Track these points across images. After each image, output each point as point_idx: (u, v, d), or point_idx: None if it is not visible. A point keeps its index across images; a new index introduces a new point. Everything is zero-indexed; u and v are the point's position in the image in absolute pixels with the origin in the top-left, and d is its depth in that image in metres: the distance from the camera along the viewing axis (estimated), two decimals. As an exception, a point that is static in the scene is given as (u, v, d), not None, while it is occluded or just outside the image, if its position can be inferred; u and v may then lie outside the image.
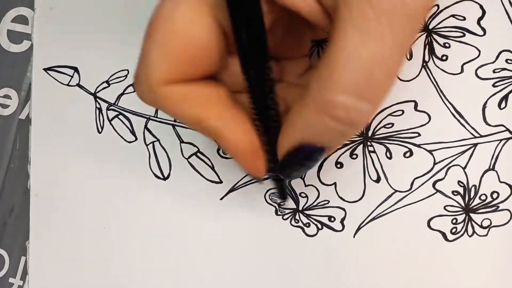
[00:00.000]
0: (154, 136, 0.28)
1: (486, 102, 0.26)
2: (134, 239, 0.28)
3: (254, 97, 0.19)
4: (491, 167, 0.26)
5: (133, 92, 0.29)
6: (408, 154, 0.26)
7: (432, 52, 0.27)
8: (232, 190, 0.28)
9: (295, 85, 0.22)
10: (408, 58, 0.27)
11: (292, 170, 0.20)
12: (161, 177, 0.28)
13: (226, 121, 0.20)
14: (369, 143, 0.27)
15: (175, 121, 0.28)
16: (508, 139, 0.26)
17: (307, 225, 0.27)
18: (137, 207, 0.28)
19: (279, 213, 0.27)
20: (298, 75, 0.23)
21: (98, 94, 0.29)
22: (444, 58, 0.27)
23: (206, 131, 0.20)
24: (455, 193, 0.26)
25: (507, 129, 0.26)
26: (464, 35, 0.27)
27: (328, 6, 0.18)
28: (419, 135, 0.26)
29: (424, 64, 0.27)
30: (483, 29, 0.27)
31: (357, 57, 0.16)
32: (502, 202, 0.26)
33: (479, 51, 0.27)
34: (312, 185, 0.27)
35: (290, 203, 0.27)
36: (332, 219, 0.27)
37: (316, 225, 0.27)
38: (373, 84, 0.17)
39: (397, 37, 0.16)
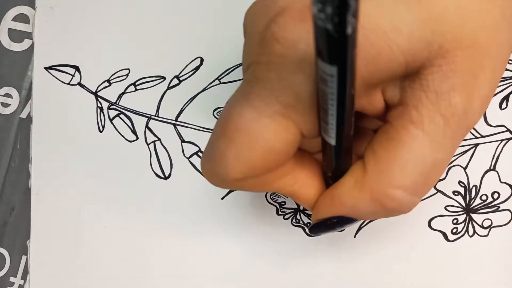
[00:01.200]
0: (155, 136, 0.28)
1: (487, 103, 0.26)
2: (135, 238, 0.28)
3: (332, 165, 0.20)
4: (492, 168, 0.26)
5: (134, 91, 0.29)
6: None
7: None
8: (233, 190, 0.28)
9: None
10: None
11: (321, 232, 0.21)
12: (162, 176, 0.28)
13: (298, 185, 0.21)
14: (370, 143, 0.27)
15: (176, 120, 0.28)
16: (509, 139, 0.26)
17: (308, 225, 0.27)
18: (138, 207, 0.28)
19: (280, 212, 0.27)
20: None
21: (99, 93, 0.29)
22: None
23: (282, 194, 0.21)
24: (456, 193, 0.26)
25: (508, 130, 0.26)
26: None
27: (391, 103, 0.18)
28: (420, 135, 0.26)
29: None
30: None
31: (422, 160, 0.18)
32: (503, 202, 0.26)
33: (480, 51, 0.27)
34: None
35: (290, 203, 0.27)
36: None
37: (317, 225, 0.27)
38: (428, 184, 0.19)
39: (455, 144, 0.18)
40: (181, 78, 0.29)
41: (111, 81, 0.29)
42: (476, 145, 0.26)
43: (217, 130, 0.19)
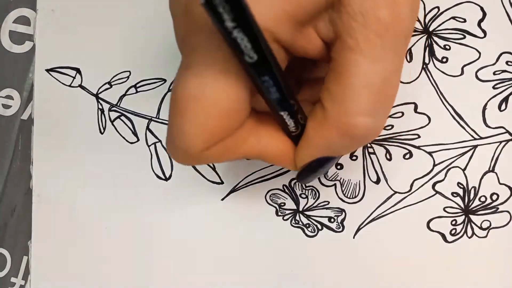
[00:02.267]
0: (156, 137, 0.29)
1: (486, 104, 0.26)
2: (136, 240, 0.28)
3: (282, 121, 0.20)
4: (490, 169, 0.26)
5: (135, 93, 0.29)
6: (407, 156, 0.27)
7: (432, 54, 0.27)
8: (233, 191, 0.28)
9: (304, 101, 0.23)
10: (408, 60, 0.27)
11: (307, 177, 0.22)
12: (163, 177, 0.28)
13: (263, 144, 0.21)
14: (369, 145, 0.27)
15: (176, 122, 0.29)
16: (508, 141, 0.26)
17: (307, 225, 0.27)
18: (138, 208, 0.28)
19: (279, 213, 0.27)
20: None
21: (100, 95, 0.29)
22: (444, 60, 0.27)
23: (251, 158, 0.22)
24: (455, 195, 0.26)
25: (507, 131, 0.26)
26: (465, 37, 0.27)
27: (328, 39, 0.19)
28: (419, 136, 0.27)
29: (424, 66, 0.27)
30: (484, 31, 0.27)
31: (371, 81, 0.18)
32: (501, 204, 0.26)
33: (480, 53, 0.27)
34: (312, 186, 0.27)
35: (290, 204, 0.27)
36: (332, 220, 0.27)
37: (316, 226, 0.27)
38: (385, 101, 0.19)
39: (399, 53, 0.19)
40: (181, 80, 0.29)
41: (112, 83, 0.29)
42: (475, 146, 0.26)
43: (170, 110, 0.19)
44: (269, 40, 0.17)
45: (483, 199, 0.26)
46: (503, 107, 0.26)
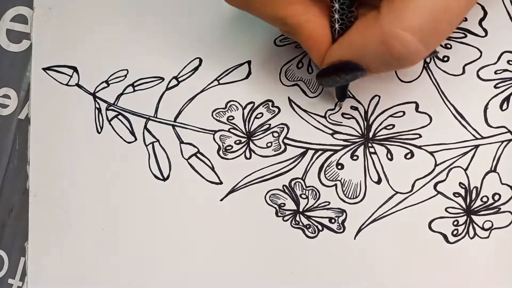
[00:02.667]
0: (154, 137, 0.28)
1: (487, 104, 0.26)
2: (133, 240, 0.28)
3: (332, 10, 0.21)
4: (492, 169, 0.26)
5: (133, 92, 0.29)
6: (409, 156, 0.26)
7: (433, 52, 0.27)
8: (232, 191, 0.27)
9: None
10: (410, 59, 0.27)
11: (328, 78, 0.22)
12: (161, 177, 0.28)
13: (308, 18, 0.21)
14: (370, 144, 0.27)
15: (175, 121, 0.28)
16: (509, 140, 0.26)
17: (308, 226, 0.27)
18: (136, 208, 0.28)
19: (279, 214, 0.27)
20: None
21: (97, 94, 0.29)
22: (445, 59, 0.27)
23: (287, 27, 0.21)
24: (457, 195, 0.26)
25: (509, 131, 0.26)
26: (466, 36, 0.27)
27: None
28: (420, 136, 0.26)
29: (426, 65, 0.27)
30: (485, 30, 0.27)
31: (435, 5, 0.18)
32: (503, 204, 0.25)
33: (481, 52, 0.26)
34: (312, 187, 0.27)
35: (290, 205, 0.27)
36: (333, 220, 0.27)
37: (316, 226, 0.27)
38: (436, 32, 0.19)
39: None
40: (179, 79, 0.29)
41: (109, 82, 0.29)
42: (476, 146, 0.26)
43: None
44: None
45: (485, 199, 0.26)
46: (504, 106, 0.26)
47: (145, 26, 0.29)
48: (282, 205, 0.27)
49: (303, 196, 0.27)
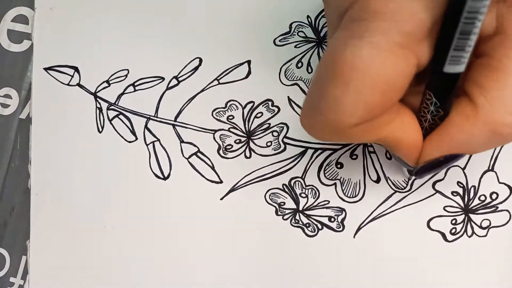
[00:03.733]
0: (155, 136, 0.28)
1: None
2: (134, 239, 0.28)
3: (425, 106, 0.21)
4: (490, 168, 0.26)
5: (133, 92, 0.29)
6: (408, 155, 0.26)
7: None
8: (232, 190, 0.28)
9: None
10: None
11: (427, 173, 0.22)
12: (161, 177, 0.28)
13: (403, 131, 0.21)
14: (369, 144, 0.27)
15: (175, 120, 0.28)
16: (507, 140, 0.26)
17: (307, 225, 0.27)
18: (137, 207, 0.28)
19: (279, 213, 0.27)
20: None
21: (98, 94, 0.29)
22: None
23: (385, 143, 0.21)
24: (455, 194, 0.26)
25: (507, 130, 0.26)
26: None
27: (485, 33, 0.19)
28: (419, 135, 0.26)
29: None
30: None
31: None
32: (501, 202, 0.26)
33: None
34: (312, 186, 0.27)
35: (290, 203, 0.27)
36: (332, 219, 0.27)
37: (316, 225, 0.27)
38: None
39: None
40: (180, 79, 0.29)
41: (110, 82, 0.29)
42: (474, 145, 0.26)
43: (325, 76, 0.18)
44: None
45: (482, 198, 0.26)
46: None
47: (145, 26, 0.29)
48: (282, 204, 0.27)
49: (303, 195, 0.27)
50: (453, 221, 0.26)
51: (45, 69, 0.29)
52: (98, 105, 0.29)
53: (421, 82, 0.20)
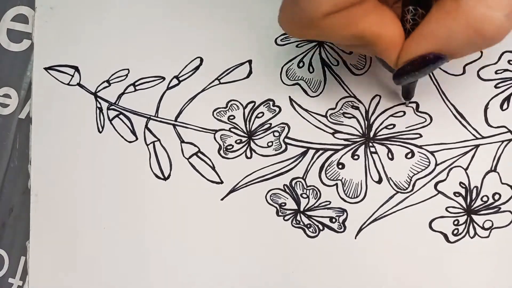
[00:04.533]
0: (155, 136, 0.28)
1: (488, 103, 0.26)
2: (134, 239, 0.28)
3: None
4: (492, 169, 0.26)
5: (134, 91, 0.29)
6: (409, 155, 0.26)
7: (434, 53, 0.27)
8: (233, 190, 0.27)
9: None
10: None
11: (407, 76, 0.21)
12: (162, 177, 0.28)
13: (383, 24, 0.20)
14: (371, 144, 0.27)
15: (175, 120, 0.28)
16: (510, 140, 0.26)
17: (308, 226, 0.27)
18: (137, 207, 0.28)
19: (280, 214, 0.27)
20: None
21: (98, 94, 0.29)
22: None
23: (364, 39, 0.21)
24: (457, 194, 0.26)
25: (509, 130, 0.26)
26: (466, 36, 0.27)
27: None
28: (421, 136, 0.26)
29: (426, 64, 0.27)
30: (486, 30, 0.27)
31: None
32: (504, 203, 0.26)
33: (481, 52, 0.27)
34: (313, 186, 0.27)
35: (291, 204, 0.27)
36: (334, 220, 0.27)
37: (317, 226, 0.27)
38: None
39: None
40: (180, 78, 0.29)
41: (111, 82, 0.29)
42: (477, 146, 0.26)
43: None
44: None
45: (485, 198, 0.26)
46: (505, 106, 0.26)
47: (145, 26, 0.29)
48: (283, 204, 0.27)
49: (304, 195, 0.27)
50: (455, 222, 0.26)
51: (45, 68, 0.29)
52: (99, 105, 0.29)
53: None
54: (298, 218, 0.27)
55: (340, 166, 0.27)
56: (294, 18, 0.20)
